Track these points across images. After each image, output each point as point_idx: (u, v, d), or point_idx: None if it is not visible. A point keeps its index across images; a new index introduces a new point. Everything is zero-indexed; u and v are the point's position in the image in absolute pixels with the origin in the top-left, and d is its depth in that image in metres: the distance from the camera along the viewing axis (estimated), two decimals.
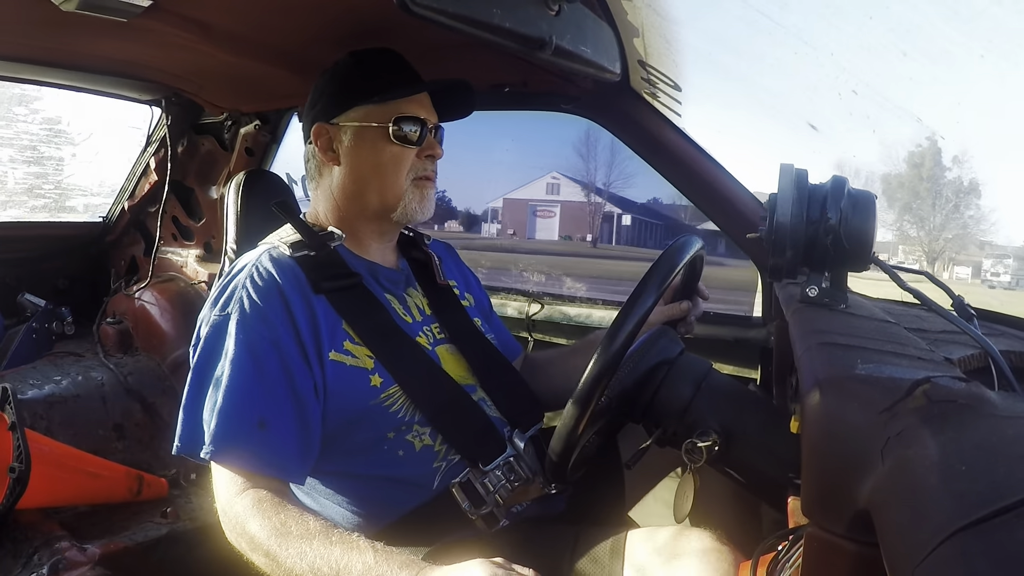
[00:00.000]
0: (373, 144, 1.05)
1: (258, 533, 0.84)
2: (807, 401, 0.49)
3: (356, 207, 1.08)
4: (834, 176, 0.75)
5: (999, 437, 0.39)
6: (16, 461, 1.33)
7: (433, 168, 1.09)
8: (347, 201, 1.08)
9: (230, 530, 0.88)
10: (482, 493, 0.97)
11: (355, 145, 1.06)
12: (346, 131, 1.07)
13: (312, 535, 0.83)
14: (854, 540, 0.45)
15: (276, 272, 0.97)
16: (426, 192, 1.08)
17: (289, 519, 0.85)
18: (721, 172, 1.40)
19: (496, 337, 1.23)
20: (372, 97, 1.04)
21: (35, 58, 1.66)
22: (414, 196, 1.07)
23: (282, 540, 0.83)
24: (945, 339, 0.75)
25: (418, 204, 1.07)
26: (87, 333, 2.28)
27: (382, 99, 1.04)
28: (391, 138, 1.04)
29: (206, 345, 0.94)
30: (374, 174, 1.06)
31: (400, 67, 1.09)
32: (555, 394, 1.16)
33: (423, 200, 1.08)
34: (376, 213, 1.08)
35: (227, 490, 0.89)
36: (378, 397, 0.97)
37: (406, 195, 1.06)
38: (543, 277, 8.00)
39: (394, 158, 1.05)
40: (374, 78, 1.06)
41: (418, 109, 1.06)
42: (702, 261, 1.09)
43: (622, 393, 0.88)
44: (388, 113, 1.04)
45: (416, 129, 1.05)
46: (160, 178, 2.24)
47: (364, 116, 1.05)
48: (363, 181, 1.06)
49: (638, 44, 1.27)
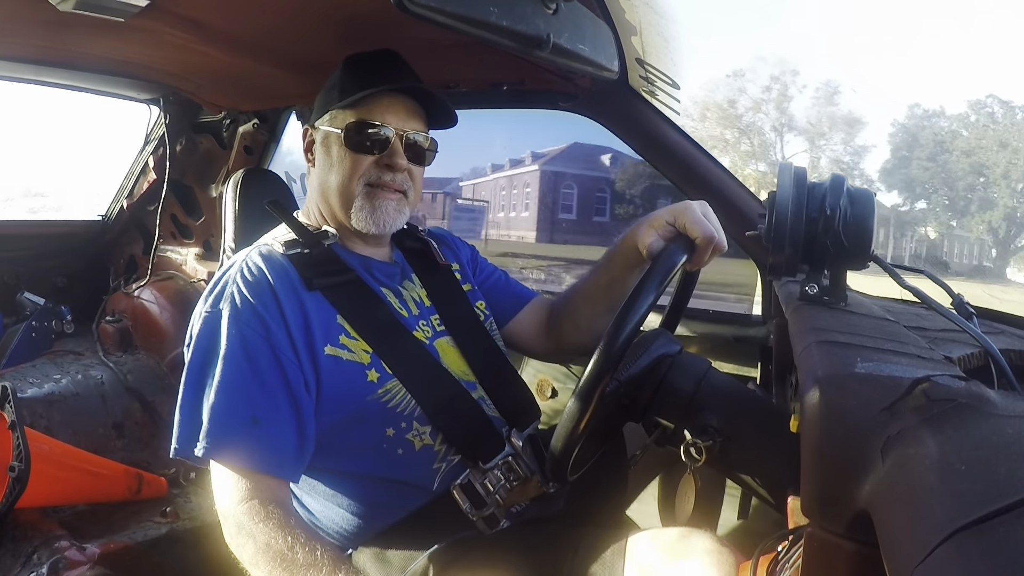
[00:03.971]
0: (333, 149, 1.06)
1: (263, 552, 0.84)
2: (806, 400, 0.49)
3: (328, 209, 1.09)
4: (833, 174, 0.75)
5: (999, 436, 0.39)
6: (16, 460, 1.33)
7: (394, 178, 1.05)
8: (321, 203, 1.09)
9: (231, 537, 0.87)
10: (482, 494, 0.97)
11: (322, 149, 1.08)
12: (319, 134, 1.08)
13: (319, 566, 0.82)
14: (854, 540, 0.45)
15: (266, 269, 0.97)
16: (377, 202, 1.05)
17: (296, 544, 0.83)
18: (719, 169, 1.40)
19: (506, 294, 1.25)
20: (337, 102, 1.05)
21: (33, 58, 1.66)
22: (364, 204, 1.04)
23: (287, 566, 0.82)
24: (945, 337, 0.75)
25: (369, 213, 1.05)
26: (86, 331, 2.28)
27: (344, 104, 1.04)
28: (343, 144, 1.04)
29: (199, 343, 0.94)
30: (332, 179, 1.06)
31: (381, 70, 1.07)
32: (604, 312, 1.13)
33: (375, 210, 1.05)
34: (343, 216, 1.07)
35: (228, 495, 0.88)
36: (375, 392, 0.97)
37: (355, 202, 1.05)
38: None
39: (347, 164, 1.04)
40: (348, 81, 1.06)
41: (383, 114, 1.04)
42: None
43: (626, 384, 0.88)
44: (348, 118, 1.04)
45: (373, 136, 1.03)
46: (159, 177, 2.24)
47: (331, 120, 1.07)
48: (325, 185, 1.07)
49: (636, 42, 1.27)
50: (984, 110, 27.40)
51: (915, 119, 28.65)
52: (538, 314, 1.26)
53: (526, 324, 1.26)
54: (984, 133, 26.38)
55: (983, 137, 26.27)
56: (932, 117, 28.91)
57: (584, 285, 1.19)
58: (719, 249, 0.99)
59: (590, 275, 1.19)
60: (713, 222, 0.98)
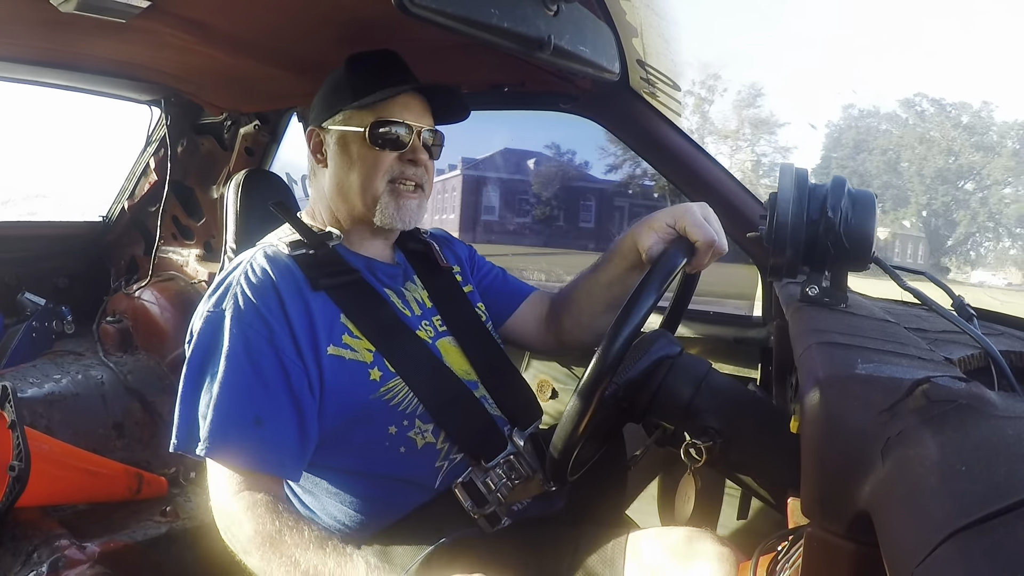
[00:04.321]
0: (353, 148, 1.06)
1: (252, 538, 0.85)
2: (807, 401, 0.49)
3: (345, 209, 1.09)
4: (834, 176, 0.75)
5: (999, 437, 0.39)
6: (16, 459, 1.33)
7: (416, 172, 1.07)
8: (337, 203, 1.09)
9: (224, 529, 0.89)
10: (484, 492, 0.97)
11: (338, 149, 1.07)
12: (332, 135, 1.08)
13: (306, 545, 0.83)
14: (854, 540, 0.45)
15: (271, 269, 0.97)
16: (402, 200, 1.06)
17: (284, 527, 0.85)
18: (720, 171, 1.40)
19: (504, 290, 1.26)
20: (353, 101, 1.05)
21: (34, 59, 1.66)
22: (390, 201, 1.06)
23: (276, 547, 0.83)
24: (945, 339, 0.75)
25: (395, 210, 1.06)
26: (87, 332, 2.28)
27: (361, 104, 1.04)
28: (367, 142, 1.04)
29: (200, 341, 0.94)
30: (353, 178, 1.06)
31: (390, 69, 1.08)
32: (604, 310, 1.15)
33: (400, 207, 1.06)
34: (362, 215, 1.08)
35: (222, 488, 0.89)
36: (378, 391, 0.97)
37: (382, 199, 1.06)
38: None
39: (370, 162, 1.05)
40: (359, 82, 1.06)
41: (402, 112, 1.05)
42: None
43: (626, 386, 0.88)
44: (367, 117, 1.04)
45: (396, 133, 1.04)
46: (160, 178, 2.24)
47: (346, 120, 1.06)
48: (345, 184, 1.07)
49: (637, 44, 1.27)
50: (914, 108, 27.55)
51: (849, 119, 28.90)
52: (537, 308, 1.26)
53: (526, 319, 1.26)
54: (906, 131, 26.49)
55: (904, 135, 26.36)
56: (866, 117, 29.14)
57: (584, 282, 1.19)
58: (719, 252, 0.99)
59: (590, 272, 1.19)
60: (714, 224, 0.99)
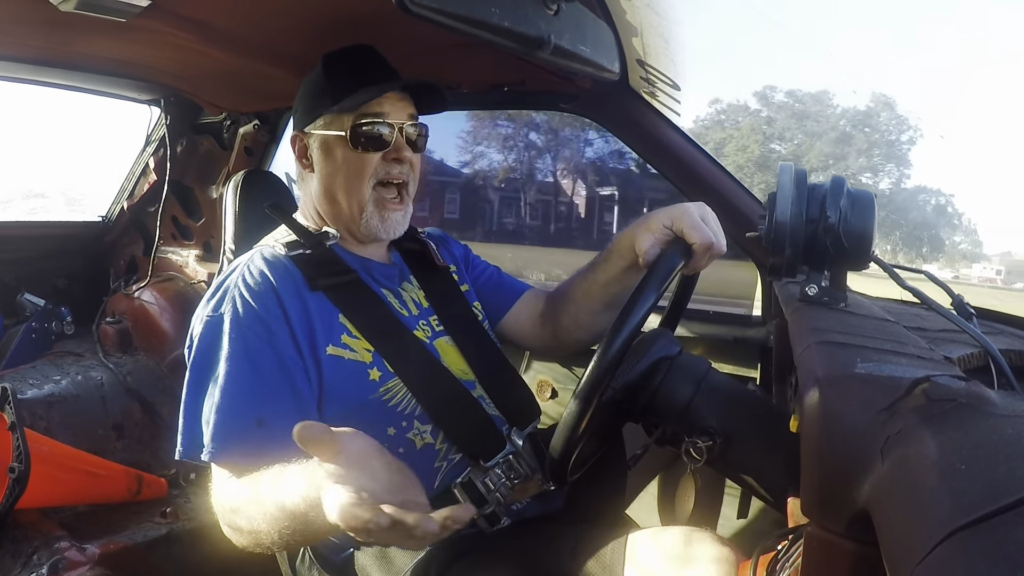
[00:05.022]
0: (336, 152, 1.05)
1: (244, 512, 0.82)
2: (806, 400, 0.49)
3: (333, 212, 1.09)
4: (834, 176, 0.75)
5: (999, 436, 0.39)
6: (16, 461, 1.33)
7: (401, 171, 1.06)
8: (325, 206, 1.09)
9: (225, 522, 0.87)
10: (483, 492, 0.97)
11: (322, 153, 1.07)
12: (315, 139, 1.07)
13: (280, 479, 0.78)
14: (854, 539, 0.45)
15: (269, 271, 0.97)
16: (386, 212, 1.06)
17: (262, 482, 0.80)
18: (719, 171, 1.40)
19: (500, 288, 1.25)
20: (332, 105, 1.04)
21: (34, 58, 1.65)
22: (374, 212, 1.05)
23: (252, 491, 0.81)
24: (945, 338, 0.75)
25: (379, 222, 1.06)
26: (86, 333, 2.28)
27: (341, 108, 1.03)
28: (350, 145, 1.03)
29: (201, 346, 0.93)
30: (339, 182, 1.06)
31: (367, 68, 1.07)
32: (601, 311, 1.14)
33: (383, 220, 1.06)
34: (350, 220, 1.07)
35: (223, 488, 0.88)
36: (377, 391, 0.97)
37: (367, 210, 1.05)
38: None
39: (355, 166, 1.04)
40: (337, 84, 1.05)
41: (384, 107, 1.04)
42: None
43: (626, 386, 0.88)
44: (348, 120, 1.03)
45: (378, 132, 1.03)
46: (159, 178, 2.24)
47: (327, 124, 1.06)
48: (332, 188, 1.07)
49: (637, 43, 1.27)
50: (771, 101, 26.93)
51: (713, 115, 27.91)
52: (533, 306, 1.26)
53: (522, 316, 1.25)
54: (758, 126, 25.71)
55: (755, 131, 25.69)
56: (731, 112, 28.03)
57: (582, 281, 1.18)
58: (717, 253, 0.98)
59: (587, 271, 1.17)
60: (711, 225, 0.98)
